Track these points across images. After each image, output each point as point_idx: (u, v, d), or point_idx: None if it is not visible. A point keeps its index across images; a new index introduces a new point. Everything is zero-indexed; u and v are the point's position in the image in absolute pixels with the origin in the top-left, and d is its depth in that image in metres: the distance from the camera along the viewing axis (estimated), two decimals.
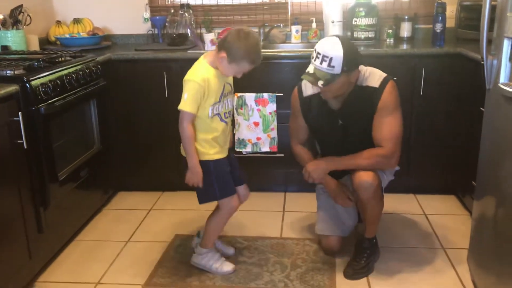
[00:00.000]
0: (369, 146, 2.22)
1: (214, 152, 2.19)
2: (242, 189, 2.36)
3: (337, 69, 2.06)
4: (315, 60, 2.10)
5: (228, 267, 2.35)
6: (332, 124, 2.30)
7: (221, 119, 2.19)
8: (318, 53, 2.08)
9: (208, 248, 2.35)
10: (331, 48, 2.06)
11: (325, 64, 2.06)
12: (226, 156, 2.25)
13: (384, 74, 2.22)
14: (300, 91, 2.37)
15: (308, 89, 2.34)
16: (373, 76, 2.22)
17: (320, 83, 2.07)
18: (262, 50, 3.02)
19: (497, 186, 1.93)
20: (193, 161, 2.14)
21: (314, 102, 2.33)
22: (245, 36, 2.05)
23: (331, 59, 2.05)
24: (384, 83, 2.19)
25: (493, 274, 1.96)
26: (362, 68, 2.22)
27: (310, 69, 2.12)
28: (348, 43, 2.13)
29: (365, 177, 2.16)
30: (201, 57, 2.18)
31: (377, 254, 2.41)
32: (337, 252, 2.47)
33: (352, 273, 2.30)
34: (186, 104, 2.08)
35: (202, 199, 2.27)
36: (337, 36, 2.14)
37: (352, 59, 2.09)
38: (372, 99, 2.19)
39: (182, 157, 2.25)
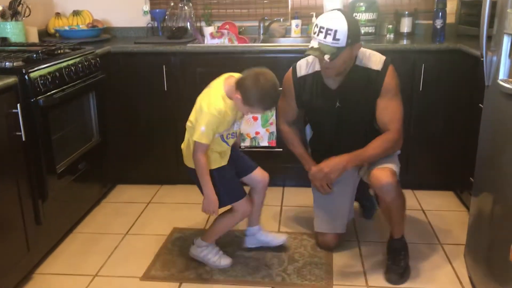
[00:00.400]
0: (363, 132, 2.24)
1: (213, 161, 2.20)
2: (258, 174, 2.36)
3: (342, 42, 2.03)
4: (318, 35, 2.05)
5: (225, 260, 2.36)
6: (329, 106, 2.28)
7: (223, 139, 2.19)
8: (321, 27, 2.04)
9: (208, 242, 2.35)
10: (335, 21, 2.03)
11: (329, 38, 2.02)
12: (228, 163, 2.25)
13: (384, 57, 2.22)
14: (294, 72, 2.34)
15: (302, 69, 2.32)
16: (373, 58, 2.22)
17: (327, 57, 2.04)
18: (262, 44, 3.02)
19: (494, 183, 1.94)
20: (208, 190, 2.16)
21: (309, 82, 2.30)
22: (263, 82, 2.02)
23: (335, 31, 2.01)
24: (385, 66, 2.20)
25: (489, 269, 1.97)
26: (361, 48, 2.22)
27: (314, 44, 2.08)
28: (350, 15, 2.11)
29: (384, 179, 2.14)
30: (221, 81, 2.15)
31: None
32: (334, 248, 2.48)
33: (397, 278, 2.23)
34: (203, 137, 2.07)
35: None
36: (338, 9, 2.10)
37: (356, 31, 2.09)
38: (374, 82, 2.19)
39: (187, 167, 2.28)
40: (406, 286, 2.22)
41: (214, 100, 2.08)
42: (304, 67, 2.32)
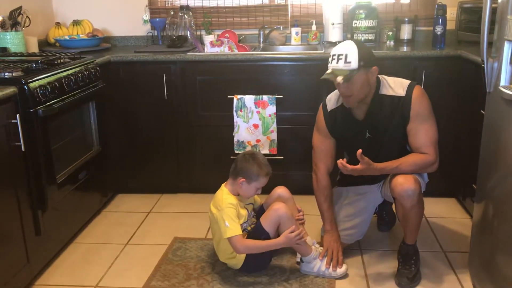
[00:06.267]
0: (398, 157, 2.21)
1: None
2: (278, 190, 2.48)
3: (354, 64, 2.08)
4: (331, 63, 2.14)
5: (341, 268, 2.31)
6: (359, 136, 2.29)
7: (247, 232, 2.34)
8: (333, 55, 2.14)
9: (309, 254, 2.30)
10: (344, 46, 2.13)
11: (341, 63, 2.10)
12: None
13: (408, 81, 2.23)
14: (324, 106, 2.39)
15: (332, 103, 2.37)
16: (395, 84, 2.23)
17: (340, 78, 2.08)
18: (262, 52, 3.05)
19: (497, 189, 1.92)
20: (275, 245, 2.26)
21: (338, 115, 2.34)
22: (251, 156, 2.30)
23: (346, 55, 2.09)
24: (410, 89, 2.19)
25: (494, 278, 1.95)
26: (384, 77, 2.26)
27: (328, 70, 2.15)
28: (361, 42, 2.22)
29: (407, 185, 2.12)
30: (222, 186, 2.37)
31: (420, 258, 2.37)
32: None
33: (407, 282, 2.23)
34: (231, 230, 2.20)
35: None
36: (349, 39, 2.22)
37: (367, 54, 2.14)
38: (401, 108, 2.18)
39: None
40: None
41: (223, 198, 2.28)
42: (333, 100, 2.37)
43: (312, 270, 2.31)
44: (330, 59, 2.15)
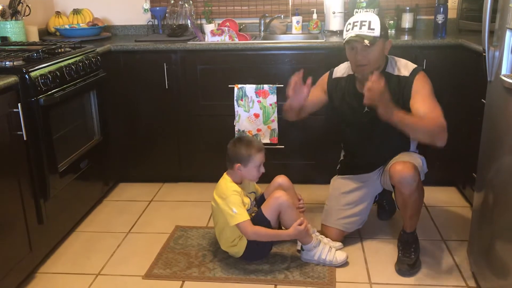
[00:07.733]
0: (395, 140, 2.23)
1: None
2: (279, 179, 2.49)
3: (377, 32, 2.13)
4: (352, 29, 2.15)
5: (341, 256, 2.33)
6: (358, 109, 2.30)
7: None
8: (355, 22, 2.16)
9: (310, 242, 2.31)
10: (367, 14, 2.18)
11: (365, 28, 2.13)
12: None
13: (415, 65, 2.26)
14: (330, 73, 2.44)
15: (338, 72, 2.41)
16: (403, 65, 2.26)
17: (366, 41, 2.10)
18: (263, 41, 3.03)
19: (497, 178, 1.93)
20: (286, 235, 2.29)
21: (341, 84, 2.37)
22: (237, 141, 2.33)
23: (370, 22, 2.13)
24: (414, 72, 2.22)
25: (493, 266, 1.96)
26: (393, 57, 2.29)
27: (352, 35, 2.14)
28: (379, 15, 2.24)
29: (405, 172, 2.13)
30: (225, 174, 2.37)
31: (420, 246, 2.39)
32: None
33: (408, 269, 2.25)
34: (240, 215, 2.21)
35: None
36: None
37: (386, 27, 2.19)
38: (403, 88, 2.21)
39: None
40: (409, 281, 2.22)
41: (227, 186, 2.29)
42: (341, 69, 2.41)
43: (313, 258, 2.32)
44: (350, 26, 2.17)
